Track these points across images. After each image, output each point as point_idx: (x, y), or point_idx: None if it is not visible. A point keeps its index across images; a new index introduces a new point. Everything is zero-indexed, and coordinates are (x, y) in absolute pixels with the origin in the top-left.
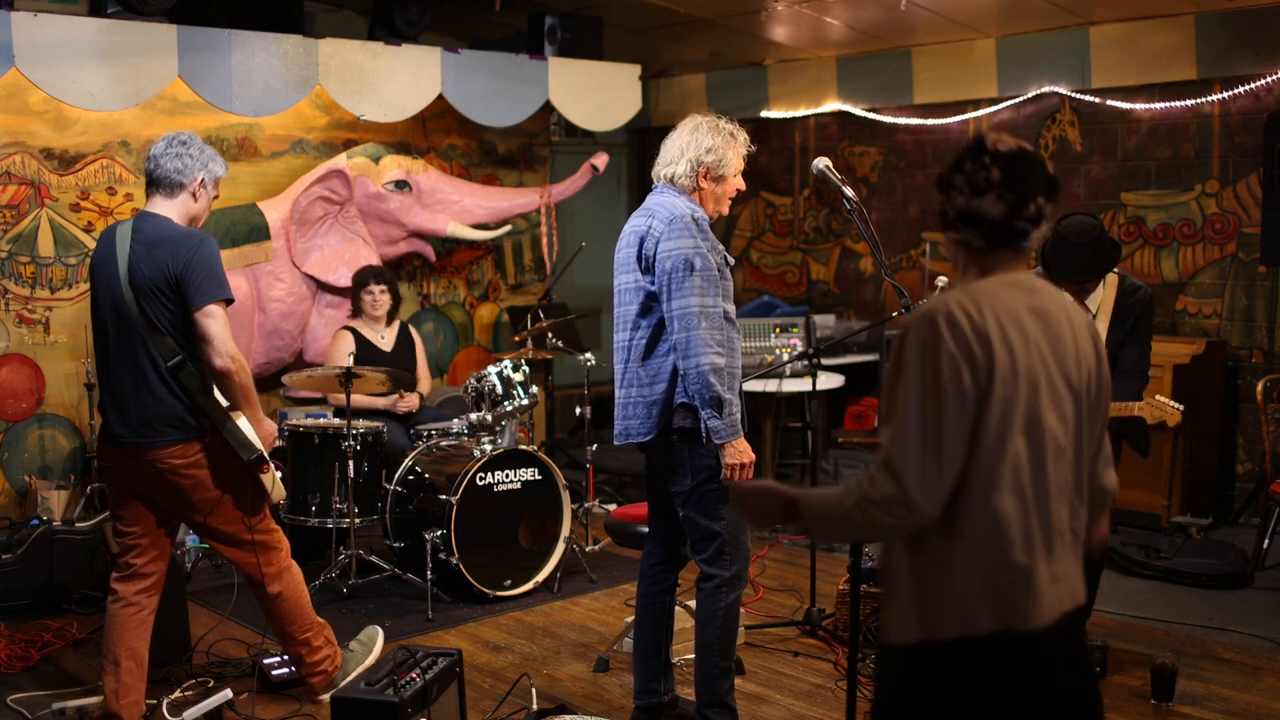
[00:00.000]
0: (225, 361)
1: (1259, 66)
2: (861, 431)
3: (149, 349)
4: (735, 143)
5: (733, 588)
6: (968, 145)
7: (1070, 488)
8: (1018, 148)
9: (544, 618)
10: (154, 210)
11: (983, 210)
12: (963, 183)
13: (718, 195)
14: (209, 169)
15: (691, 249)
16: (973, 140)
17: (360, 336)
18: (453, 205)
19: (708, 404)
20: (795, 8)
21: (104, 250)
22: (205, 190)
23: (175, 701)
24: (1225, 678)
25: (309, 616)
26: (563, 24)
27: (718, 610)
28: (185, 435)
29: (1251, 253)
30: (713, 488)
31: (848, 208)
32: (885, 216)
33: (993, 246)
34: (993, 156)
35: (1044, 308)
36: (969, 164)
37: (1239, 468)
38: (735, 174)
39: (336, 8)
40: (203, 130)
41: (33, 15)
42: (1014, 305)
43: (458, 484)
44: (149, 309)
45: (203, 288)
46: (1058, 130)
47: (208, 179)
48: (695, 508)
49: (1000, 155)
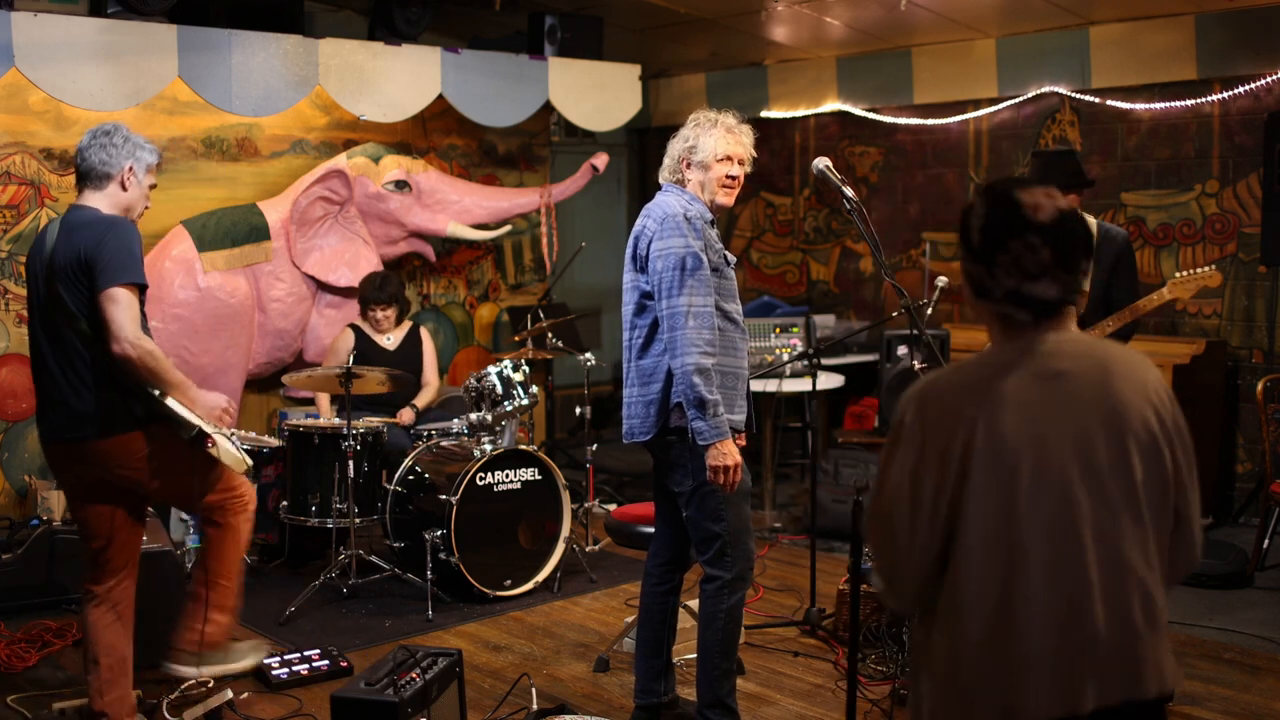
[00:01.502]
0: (123, 348)
1: (1259, 66)
2: (861, 431)
3: (75, 340)
4: (715, 129)
5: (734, 590)
6: (1005, 210)
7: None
8: (1058, 214)
9: (544, 618)
10: (84, 203)
11: (1036, 294)
12: (1010, 264)
13: (705, 183)
14: (137, 157)
15: (682, 248)
16: (1007, 203)
17: (364, 335)
18: (453, 205)
19: (691, 404)
20: (795, 8)
21: (35, 244)
22: (135, 179)
23: (175, 701)
24: (1225, 678)
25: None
26: (563, 24)
27: (719, 612)
28: (125, 427)
29: (1251, 253)
30: (714, 488)
31: (848, 208)
32: (885, 216)
33: (1038, 319)
34: (1041, 234)
35: (1061, 370)
36: (1016, 245)
37: (1239, 468)
38: (717, 158)
39: (336, 8)
40: (202, 130)
41: (33, 15)
42: (1016, 377)
43: (458, 484)
44: (69, 297)
45: (107, 269)
46: (1058, 130)
47: (137, 167)
48: (697, 508)
49: (1048, 230)
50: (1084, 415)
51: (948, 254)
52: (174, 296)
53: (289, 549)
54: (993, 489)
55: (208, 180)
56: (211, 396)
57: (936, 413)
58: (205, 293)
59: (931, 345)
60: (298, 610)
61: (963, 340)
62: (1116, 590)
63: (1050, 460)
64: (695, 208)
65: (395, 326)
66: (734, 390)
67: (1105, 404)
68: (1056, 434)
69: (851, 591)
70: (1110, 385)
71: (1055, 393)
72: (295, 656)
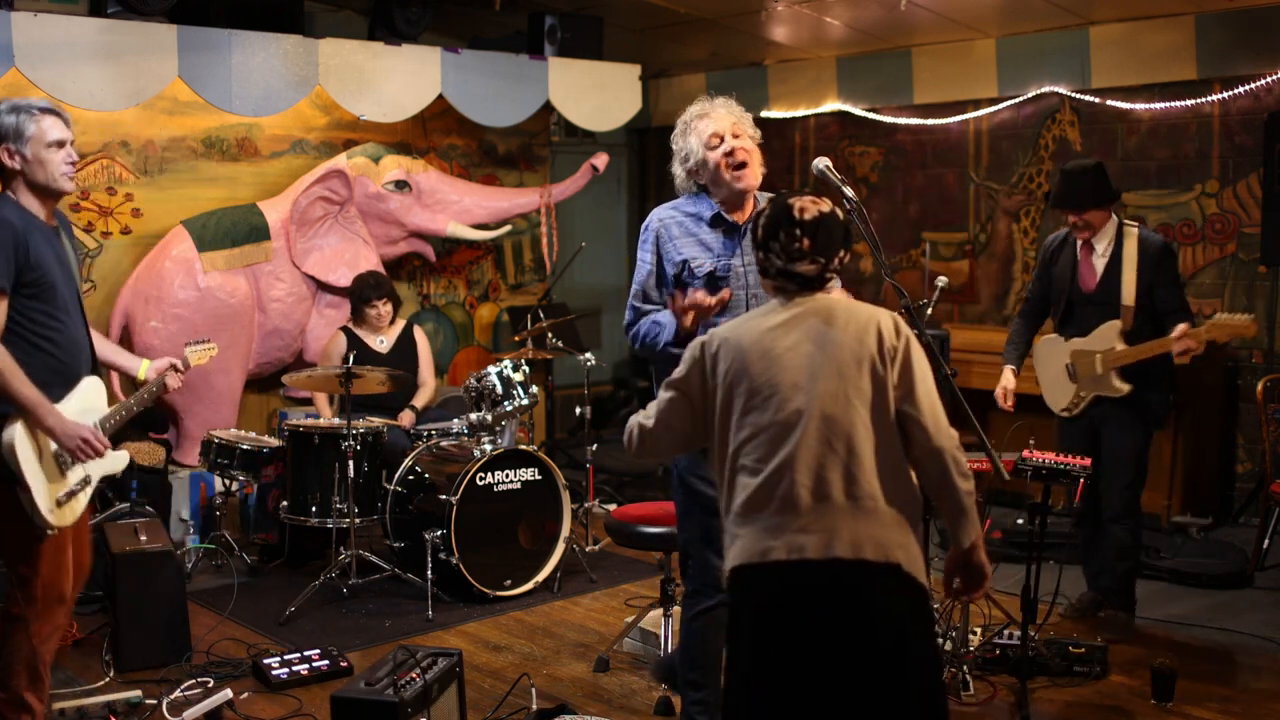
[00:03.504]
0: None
1: (1259, 66)
2: None
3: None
4: (691, 124)
5: (695, 602)
6: (777, 210)
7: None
8: (819, 214)
9: (544, 618)
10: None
11: (798, 271)
12: (779, 249)
13: (715, 177)
14: (17, 129)
15: (638, 258)
16: (780, 206)
17: (356, 339)
18: (453, 205)
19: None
20: (795, 8)
21: None
22: (19, 151)
23: (175, 701)
24: (1225, 678)
25: (17, 678)
26: (563, 24)
27: (684, 622)
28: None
29: (1251, 253)
30: (679, 496)
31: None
32: (885, 216)
33: (803, 289)
34: (801, 227)
35: (787, 319)
36: (783, 234)
37: (1239, 468)
38: (706, 147)
39: (336, 8)
40: (202, 130)
41: (33, 15)
42: (757, 325)
43: (458, 484)
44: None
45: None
46: (1058, 130)
47: (14, 139)
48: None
49: (808, 225)
50: (826, 345)
51: (948, 254)
52: (174, 296)
53: (289, 549)
54: (756, 393)
55: (208, 180)
56: (72, 425)
57: (720, 349)
58: (205, 293)
59: (931, 345)
60: (298, 610)
61: (963, 340)
62: (824, 472)
63: (791, 377)
64: (666, 214)
65: (390, 325)
66: None
67: (837, 337)
68: (799, 356)
69: None
70: (840, 326)
71: (807, 332)
72: (295, 656)
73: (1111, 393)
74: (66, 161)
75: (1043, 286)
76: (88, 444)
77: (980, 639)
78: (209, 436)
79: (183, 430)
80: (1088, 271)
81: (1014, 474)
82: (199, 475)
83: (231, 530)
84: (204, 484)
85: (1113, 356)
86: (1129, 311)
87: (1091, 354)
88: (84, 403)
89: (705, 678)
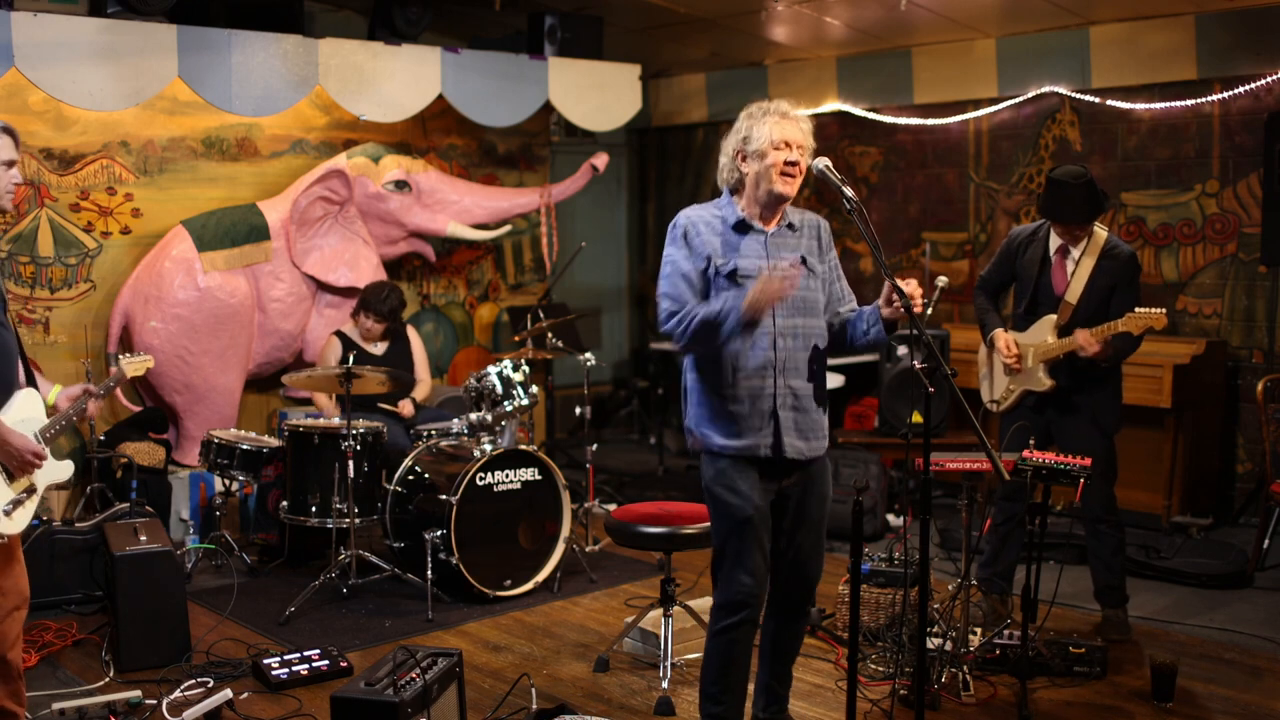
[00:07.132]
0: None
1: (1259, 66)
2: (862, 431)
3: None
4: (768, 116)
5: (719, 617)
6: None
7: None
8: None
9: (544, 618)
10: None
11: None
12: None
13: (761, 173)
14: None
15: (666, 258)
16: None
17: (350, 342)
18: (453, 205)
19: (700, 338)
20: (795, 8)
21: None
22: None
23: (175, 702)
24: (1225, 678)
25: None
26: (563, 24)
27: (709, 633)
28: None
29: (1251, 253)
30: (707, 504)
31: (848, 208)
32: (885, 216)
33: None
34: None
35: None
36: None
37: (1239, 468)
38: (774, 145)
39: (336, 8)
40: (202, 130)
41: (33, 15)
42: None
43: (458, 484)
44: None
45: None
46: (1058, 130)
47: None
48: None
49: None
50: None
51: (948, 254)
52: (174, 296)
53: (289, 549)
54: None
55: (208, 180)
56: (19, 439)
57: None
58: (205, 293)
59: (931, 345)
60: (298, 610)
61: (963, 340)
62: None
63: None
64: (695, 213)
65: (379, 340)
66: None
67: None
68: None
69: (851, 592)
70: None
71: None
72: (295, 656)
73: (1037, 387)
74: (12, 182)
75: (1003, 276)
76: (37, 456)
77: (980, 639)
78: (209, 436)
79: (183, 430)
80: (1059, 275)
81: (1014, 474)
82: (199, 475)
83: (231, 530)
84: (204, 484)
85: (1041, 350)
86: (1068, 309)
87: (1026, 348)
88: (21, 413)
89: (724, 694)
